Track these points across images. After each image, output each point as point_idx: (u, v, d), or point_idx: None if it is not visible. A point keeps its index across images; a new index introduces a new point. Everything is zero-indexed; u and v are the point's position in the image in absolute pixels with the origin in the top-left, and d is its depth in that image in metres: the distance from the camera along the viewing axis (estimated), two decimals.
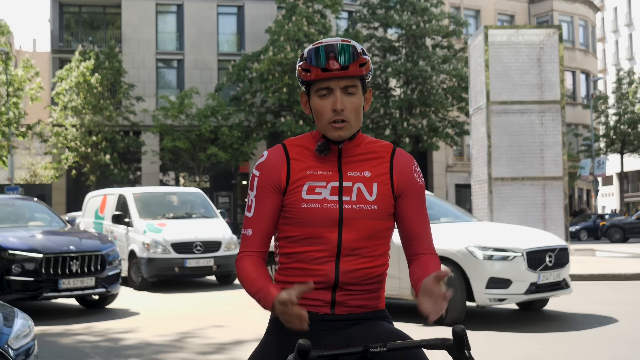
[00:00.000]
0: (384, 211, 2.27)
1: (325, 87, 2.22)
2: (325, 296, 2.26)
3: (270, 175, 2.28)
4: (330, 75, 2.19)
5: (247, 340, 7.80)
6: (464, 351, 1.99)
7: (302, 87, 2.32)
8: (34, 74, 34.35)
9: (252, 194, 2.31)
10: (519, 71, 15.52)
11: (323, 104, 2.23)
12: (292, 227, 2.27)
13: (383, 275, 2.33)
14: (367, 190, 2.27)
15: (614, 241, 32.76)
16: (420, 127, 34.46)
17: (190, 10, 38.64)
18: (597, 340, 7.50)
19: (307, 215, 2.24)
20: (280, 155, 2.30)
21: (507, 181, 15.26)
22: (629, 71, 46.84)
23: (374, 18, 35.18)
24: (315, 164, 2.29)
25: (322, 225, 2.23)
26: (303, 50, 2.28)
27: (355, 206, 2.24)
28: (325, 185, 2.26)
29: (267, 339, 2.33)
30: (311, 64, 2.21)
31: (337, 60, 2.18)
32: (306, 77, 2.24)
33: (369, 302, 2.31)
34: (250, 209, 2.31)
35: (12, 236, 9.99)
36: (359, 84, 2.25)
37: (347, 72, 2.19)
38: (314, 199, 2.25)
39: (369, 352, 1.98)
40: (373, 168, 2.30)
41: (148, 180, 36.42)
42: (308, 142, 2.33)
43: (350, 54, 2.19)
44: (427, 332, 8.05)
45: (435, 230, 8.96)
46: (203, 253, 13.75)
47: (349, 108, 2.22)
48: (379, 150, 2.33)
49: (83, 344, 7.92)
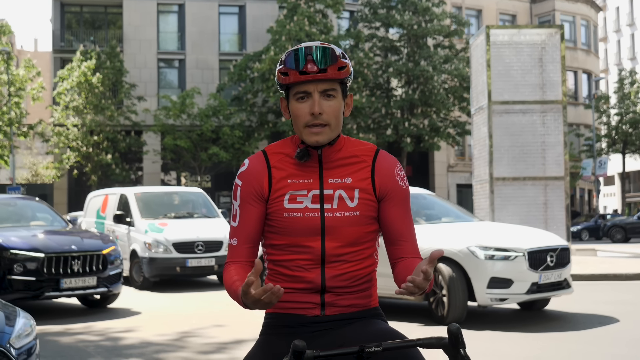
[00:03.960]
0: (366, 216, 2.26)
1: (303, 91, 2.20)
2: (314, 299, 2.26)
3: (252, 184, 2.27)
4: (308, 78, 2.17)
5: (247, 340, 7.80)
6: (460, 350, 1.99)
7: (281, 92, 2.30)
8: (35, 73, 34.38)
9: (236, 203, 2.30)
10: (521, 71, 15.51)
11: (301, 107, 2.20)
12: (276, 235, 2.27)
13: (372, 274, 2.32)
14: (348, 197, 2.24)
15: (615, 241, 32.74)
16: (422, 127, 34.45)
17: (191, 10, 38.65)
18: (598, 340, 7.50)
19: (289, 225, 2.23)
20: (261, 164, 2.28)
21: (509, 181, 15.26)
22: (631, 71, 46.77)
23: (376, 18, 35.17)
24: (296, 171, 2.26)
25: (304, 234, 2.23)
26: (282, 55, 2.27)
27: (337, 214, 2.23)
28: (306, 194, 2.24)
29: (262, 340, 2.33)
30: (289, 67, 2.18)
31: (316, 63, 2.16)
32: (284, 81, 2.21)
33: (360, 301, 2.30)
34: (235, 219, 2.30)
35: (14, 236, 10.00)
36: (339, 88, 2.22)
37: (326, 75, 2.17)
38: (295, 207, 2.23)
39: (365, 351, 1.98)
40: (354, 173, 2.27)
41: (149, 180, 36.44)
42: (288, 148, 2.30)
43: (329, 57, 2.17)
44: (423, 331, 8.05)
45: (437, 230, 9.06)
46: (204, 253, 13.76)
47: (328, 112, 2.19)
48: (361, 153, 2.30)
49: (85, 343, 7.93)
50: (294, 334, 2.26)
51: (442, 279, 8.51)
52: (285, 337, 2.26)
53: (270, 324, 2.35)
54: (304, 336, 2.24)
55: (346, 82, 2.24)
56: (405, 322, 8.57)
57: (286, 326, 2.29)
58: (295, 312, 2.28)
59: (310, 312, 2.27)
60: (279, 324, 2.31)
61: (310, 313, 2.27)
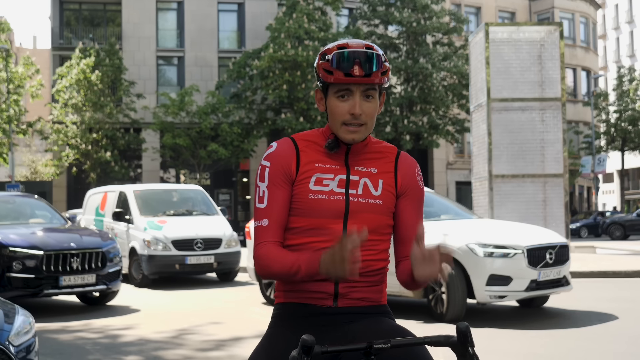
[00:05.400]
0: (387, 207, 2.31)
1: (345, 89, 2.24)
2: (328, 288, 2.27)
3: (282, 165, 2.29)
4: (352, 81, 2.21)
5: (246, 337, 7.80)
6: (468, 348, 1.99)
7: (318, 84, 2.33)
8: (34, 71, 34.33)
9: (264, 184, 2.29)
10: (520, 68, 15.51)
11: (341, 105, 2.25)
12: (297, 217, 2.28)
13: (384, 269, 2.35)
14: (372, 185, 2.30)
15: (614, 238, 32.75)
16: (421, 125, 34.44)
17: (190, 7, 38.60)
18: (597, 337, 7.50)
19: (313, 206, 2.26)
20: (289, 147, 2.32)
21: (508, 178, 15.26)
22: (629, 68, 46.75)
23: (375, 15, 35.15)
24: (323, 157, 2.32)
25: (328, 216, 2.26)
26: (325, 48, 2.28)
27: (361, 199, 2.28)
28: (332, 178, 2.29)
29: (270, 334, 2.32)
30: (335, 67, 2.22)
31: (363, 68, 2.20)
32: (327, 79, 2.25)
33: (372, 295, 2.32)
34: (263, 200, 2.28)
35: (13, 233, 10.00)
36: (377, 89, 2.27)
37: (370, 79, 2.22)
38: (321, 190, 2.27)
39: (373, 348, 1.99)
40: (379, 166, 2.34)
41: (148, 178, 36.41)
42: (317, 138, 2.35)
43: (375, 63, 2.21)
44: (430, 329, 8.06)
45: (436, 228, 9.05)
46: (203, 250, 13.76)
47: (367, 112, 2.25)
48: (385, 151, 2.38)
49: (83, 341, 7.93)
50: (304, 325, 2.26)
51: None
52: (294, 330, 2.26)
53: (280, 314, 2.35)
54: (313, 329, 2.24)
55: (385, 85, 2.29)
56: (404, 320, 8.57)
57: (297, 317, 2.29)
58: (308, 301, 2.28)
59: (323, 303, 2.27)
60: (289, 315, 2.31)
61: (322, 304, 2.27)
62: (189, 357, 6.93)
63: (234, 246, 14.18)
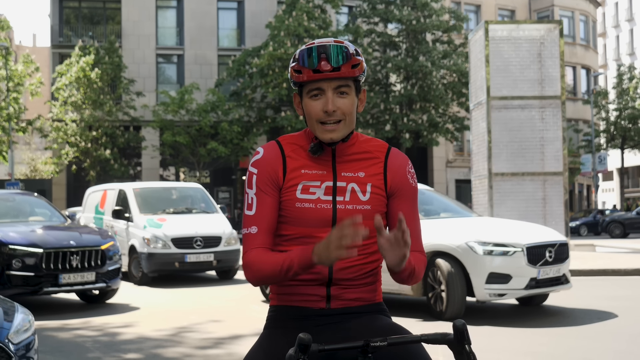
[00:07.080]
0: (376, 211, 2.27)
1: (316, 88, 2.21)
2: (320, 291, 2.26)
3: (268, 172, 2.27)
4: (321, 77, 2.18)
5: (245, 335, 7.81)
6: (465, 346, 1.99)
7: (295, 88, 2.31)
8: (34, 69, 34.32)
9: (252, 191, 2.28)
10: (520, 66, 15.51)
11: (314, 104, 2.22)
12: (286, 225, 2.27)
13: (378, 268, 2.33)
14: (360, 190, 2.26)
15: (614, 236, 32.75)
16: (421, 123, 34.43)
17: (190, 5, 38.58)
18: (597, 335, 7.51)
19: (301, 215, 2.24)
20: (275, 152, 2.29)
21: (507, 176, 15.26)
22: (629, 66, 46.73)
23: (374, 13, 35.14)
24: (310, 163, 2.28)
25: (315, 225, 2.23)
26: (295, 52, 2.26)
27: (348, 206, 2.24)
28: (319, 185, 2.25)
29: (267, 334, 2.32)
30: (303, 65, 2.20)
31: (329, 61, 2.17)
32: (298, 79, 2.23)
33: (365, 295, 2.31)
34: (252, 207, 2.27)
35: (13, 231, 9.99)
36: (352, 85, 2.23)
37: (339, 73, 2.18)
38: (308, 198, 2.24)
39: (370, 346, 1.98)
40: (367, 168, 2.29)
41: (148, 176, 36.41)
42: (302, 141, 2.32)
43: (343, 55, 2.18)
44: (429, 327, 8.06)
45: (435, 226, 9.05)
46: (203, 248, 13.76)
47: (342, 109, 2.21)
48: (374, 150, 2.32)
49: (83, 339, 7.93)
50: (299, 327, 2.26)
51: (440, 274, 8.52)
52: (290, 330, 2.26)
53: (274, 316, 2.34)
54: (308, 330, 2.24)
55: (359, 79, 2.25)
56: (403, 318, 8.57)
57: (291, 319, 2.29)
58: (301, 304, 2.28)
59: (316, 305, 2.27)
60: (283, 317, 2.31)
61: (315, 306, 2.27)
62: (188, 354, 6.93)
63: (234, 244, 14.17)
